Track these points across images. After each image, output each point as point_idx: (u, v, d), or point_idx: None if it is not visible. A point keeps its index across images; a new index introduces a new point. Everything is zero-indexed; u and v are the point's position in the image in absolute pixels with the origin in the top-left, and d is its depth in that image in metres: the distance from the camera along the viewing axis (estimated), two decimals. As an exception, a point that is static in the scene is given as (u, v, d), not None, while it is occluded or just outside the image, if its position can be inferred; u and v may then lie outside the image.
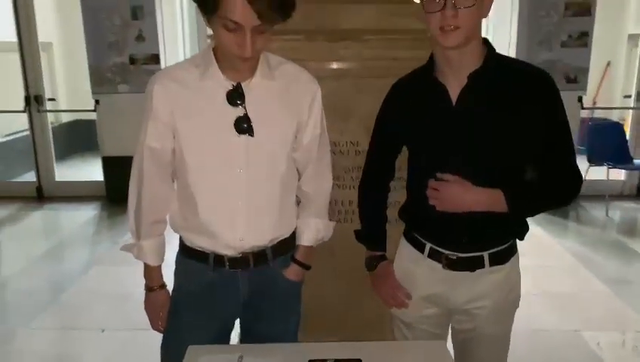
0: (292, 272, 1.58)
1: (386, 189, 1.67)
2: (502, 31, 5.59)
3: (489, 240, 1.48)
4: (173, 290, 1.60)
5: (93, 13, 5.07)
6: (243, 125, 1.40)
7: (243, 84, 1.41)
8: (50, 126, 5.70)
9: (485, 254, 1.48)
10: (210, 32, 1.43)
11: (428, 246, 1.53)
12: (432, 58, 1.45)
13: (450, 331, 1.64)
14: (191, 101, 1.41)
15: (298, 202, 1.64)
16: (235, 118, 1.40)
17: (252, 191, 1.45)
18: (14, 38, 5.37)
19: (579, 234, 4.70)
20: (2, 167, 6.08)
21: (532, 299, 3.36)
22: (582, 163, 5.46)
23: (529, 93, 1.37)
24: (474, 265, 1.48)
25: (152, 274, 1.58)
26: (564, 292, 3.57)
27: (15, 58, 5.44)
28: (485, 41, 1.41)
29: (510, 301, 1.55)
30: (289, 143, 1.50)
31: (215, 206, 1.46)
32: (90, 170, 5.76)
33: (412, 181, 1.58)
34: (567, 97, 4.97)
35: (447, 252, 1.50)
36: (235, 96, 1.40)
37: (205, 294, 1.53)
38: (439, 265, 1.51)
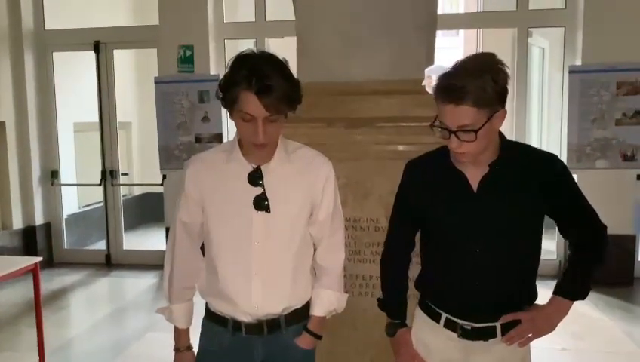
0: (304, 341, 1.68)
1: (406, 262, 1.76)
2: (554, 108, 5.63)
3: (501, 312, 1.58)
4: (197, 352, 1.74)
5: (166, 97, 5.57)
6: (261, 203, 1.58)
7: (262, 167, 1.60)
8: (121, 198, 6.16)
9: (497, 325, 1.58)
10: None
11: (444, 316, 1.62)
12: None
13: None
14: (217, 181, 1.62)
15: (314, 273, 1.76)
16: (254, 196, 1.58)
17: (267, 263, 1.60)
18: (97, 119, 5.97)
19: (642, 319, 4.43)
20: (78, 236, 6.57)
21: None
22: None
23: (541, 175, 1.52)
24: (487, 334, 1.58)
25: (180, 336, 1.74)
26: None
27: (97, 136, 6.03)
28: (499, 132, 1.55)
29: None
30: (303, 220, 1.65)
31: (234, 275, 1.61)
32: (156, 240, 6.12)
33: (430, 256, 1.68)
34: (624, 175, 4.84)
35: (461, 322, 1.58)
36: (255, 177, 1.59)
37: (224, 356, 1.66)
38: (454, 335, 1.59)
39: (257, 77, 1.45)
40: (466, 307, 1.58)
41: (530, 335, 1.59)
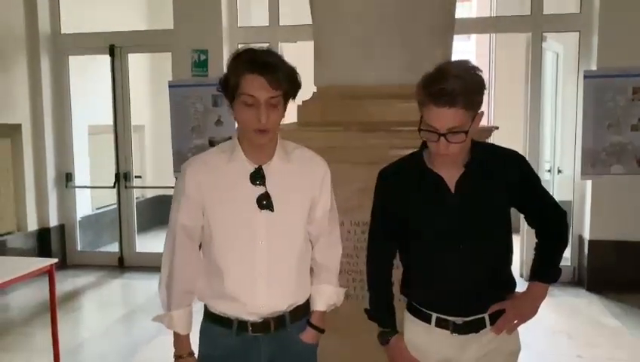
0: (309, 336, 1.72)
1: (390, 269, 1.81)
2: (568, 113, 5.59)
3: (487, 303, 1.67)
4: (200, 357, 1.73)
5: (180, 101, 5.61)
6: (264, 202, 1.59)
7: (263, 166, 1.62)
8: (135, 201, 6.21)
9: (486, 315, 1.66)
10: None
11: (434, 316, 1.67)
12: (423, 147, 1.66)
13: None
14: (219, 182, 1.62)
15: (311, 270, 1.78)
16: (257, 196, 1.60)
17: (272, 261, 1.62)
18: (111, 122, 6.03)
19: (658, 327, 4.37)
20: (92, 238, 6.61)
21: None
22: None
23: (509, 171, 1.63)
24: (478, 326, 1.65)
25: (182, 343, 1.71)
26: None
27: (111, 139, 6.09)
28: None
29: (513, 350, 1.72)
30: (304, 217, 1.68)
31: (239, 275, 1.62)
32: (168, 242, 6.13)
33: (413, 259, 1.73)
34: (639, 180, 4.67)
35: (452, 319, 1.65)
36: (257, 177, 1.60)
37: (230, 358, 1.66)
38: (447, 332, 1.65)
39: (259, 59, 1.50)
40: (455, 303, 1.65)
41: (515, 321, 1.68)
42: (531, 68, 5.30)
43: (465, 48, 12.03)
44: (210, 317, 1.71)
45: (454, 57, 2.41)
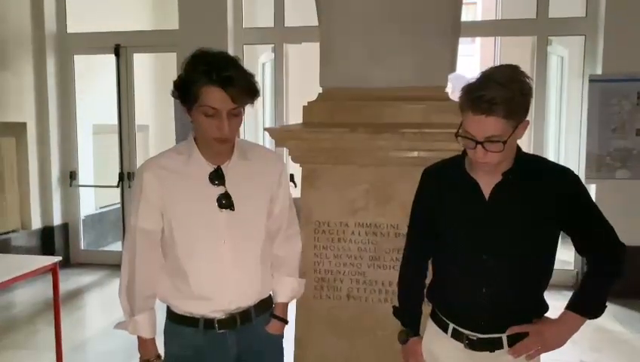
0: (275, 327, 1.74)
1: (423, 271, 1.76)
2: (572, 117, 5.58)
3: (507, 323, 1.56)
4: (165, 358, 1.72)
5: (184, 101, 5.61)
6: (224, 201, 1.60)
7: (222, 166, 1.62)
8: (138, 200, 6.19)
9: (504, 336, 1.56)
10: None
11: (451, 326, 1.62)
12: (465, 151, 1.57)
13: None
14: (178, 184, 1.62)
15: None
16: (217, 196, 1.60)
17: (237, 259, 1.63)
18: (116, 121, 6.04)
19: (663, 331, 4.35)
20: (95, 236, 6.62)
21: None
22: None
23: (554, 187, 1.51)
24: (493, 346, 1.56)
25: (148, 347, 1.69)
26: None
27: (115, 138, 6.09)
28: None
29: None
30: (265, 214, 1.69)
31: (205, 275, 1.62)
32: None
33: (439, 264, 1.69)
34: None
35: (467, 332, 1.58)
36: (217, 177, 1.61)
37: (197, 357, 1.66)
38: (461, 345, 1.59)
39: (217, 70, 1.48)
40: (471, 317, 1.58)
41: (538, 348, 1.57)
42: (536, 71, 5.29)
43: (469, 51, 12.02)
44: (174, 317, 1.70)
45: (457, 60, 2.41)
